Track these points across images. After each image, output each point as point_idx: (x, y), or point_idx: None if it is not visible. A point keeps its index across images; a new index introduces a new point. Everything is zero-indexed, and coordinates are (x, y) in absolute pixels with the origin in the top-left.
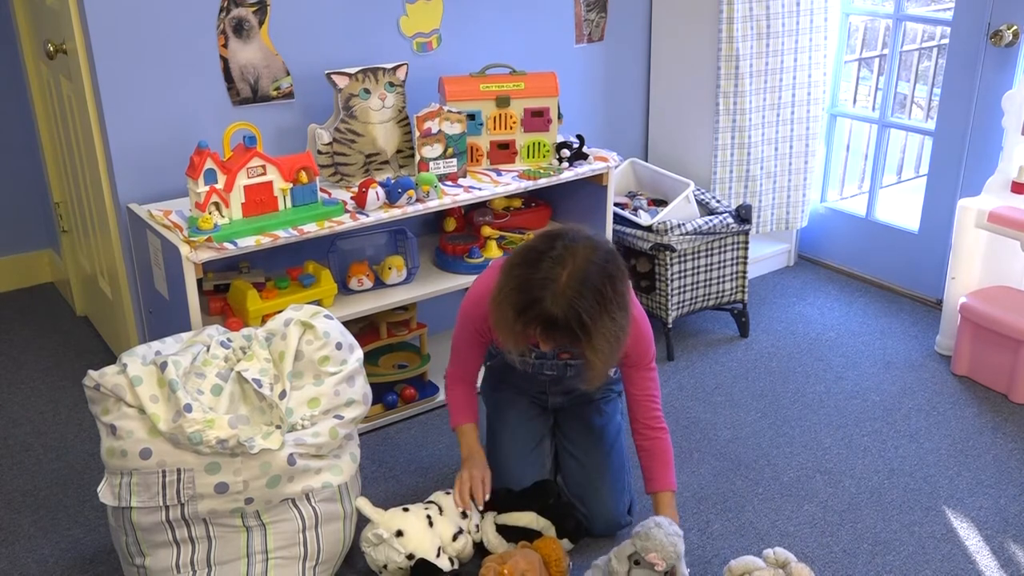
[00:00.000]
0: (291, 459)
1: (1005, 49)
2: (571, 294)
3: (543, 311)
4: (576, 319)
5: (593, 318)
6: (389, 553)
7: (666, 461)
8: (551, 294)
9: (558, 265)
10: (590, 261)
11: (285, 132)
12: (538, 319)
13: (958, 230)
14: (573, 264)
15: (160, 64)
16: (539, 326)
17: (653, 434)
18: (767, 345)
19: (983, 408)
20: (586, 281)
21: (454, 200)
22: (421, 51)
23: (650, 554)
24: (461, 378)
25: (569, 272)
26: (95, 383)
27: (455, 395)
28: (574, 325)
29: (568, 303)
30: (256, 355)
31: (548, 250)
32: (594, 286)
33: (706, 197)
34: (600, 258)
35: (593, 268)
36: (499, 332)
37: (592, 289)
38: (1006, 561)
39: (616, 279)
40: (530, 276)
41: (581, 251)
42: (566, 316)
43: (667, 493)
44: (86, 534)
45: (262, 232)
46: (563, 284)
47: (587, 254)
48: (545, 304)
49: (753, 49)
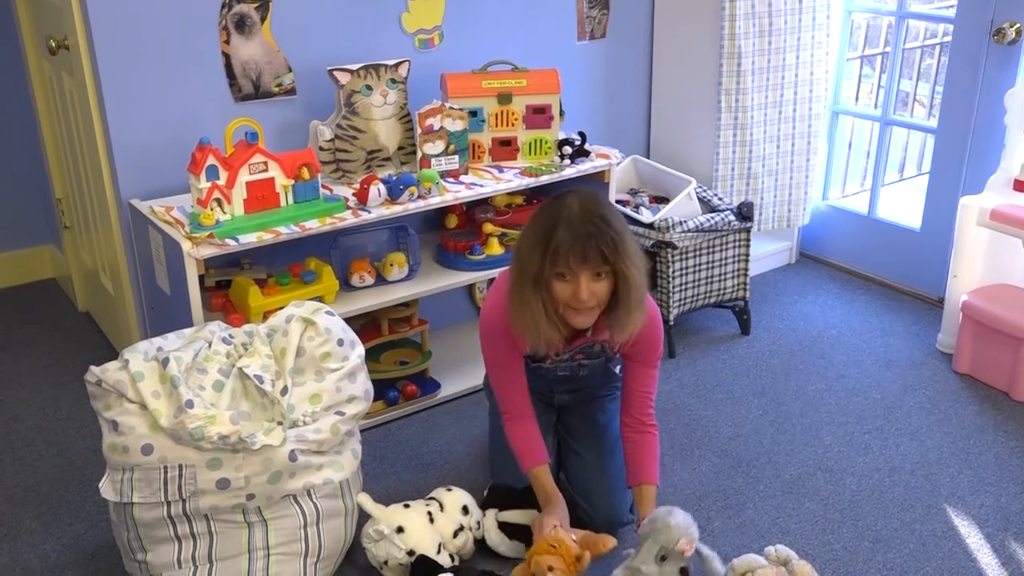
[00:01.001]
0: (292, 455)
1: (1008, 47)
2: (591, 208)
3: (571, 230)
4: (605, 225)
5: (620, 225)
6: (390, 549)
7: (654, 456)
8: (569, 217)
9: (566, 201)
10: (595, 193)
11: (287, 128)
12: (567, 243)
13: (960, 228)
14: (580, 195)
15: (162, 60)
16: (571, 251)
17: (644, 429)
18: (768, 343)
19: (984, 406)
20: (599, 201)
21: (456, 197)
22: (423, 47)
23: (681, 542)
24: (517, 415)
25: (579, 200)
26: (97, 379)
27: (517, 436)
28: (607, 231)
29: (592, 213)
30: (258, 351)
31: (553, 200)
32: (608, 205)
33: (708, 194)
34: (605, 199)
35: (600, 197)
36: (521, 310)
37: (607, 206)
38: (1007, 559)
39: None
40: (544, 218)
41: (581, 189)
42: (596, 225)
43: (651, 487)
44: (88, 529)
45: (264, 228)
46: (579, 207)
47: (589, 190)
48: (567, 225)
49: (755, 46)
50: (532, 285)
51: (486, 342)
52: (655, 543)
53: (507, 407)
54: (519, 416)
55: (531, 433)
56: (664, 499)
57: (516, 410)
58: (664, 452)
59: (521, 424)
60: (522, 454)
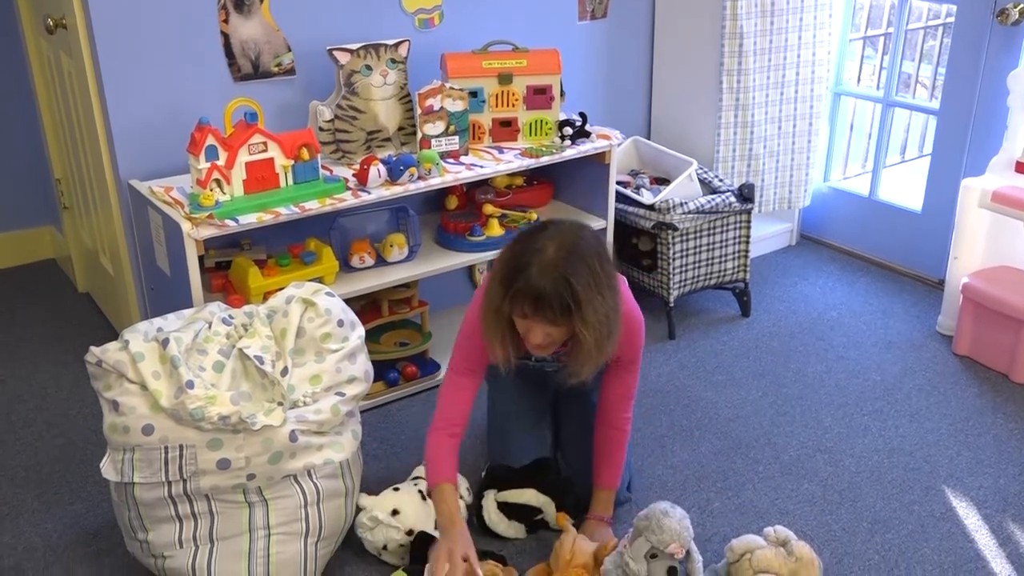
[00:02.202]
0: (293, 436)
1: (1011, 28)
2: (561, 263)
3: (529, 281)
4: (567, 288)
5: (585, 288)
6: (388, 533)
7: (620, 460)
8: (539, 263)
9: (547, 239)
10: (579, 237)
11: (286, 109)
12: (525, 291)
13: (961, 210)
14: (561, 238)
15: (161, 40)
16: (526, 300)
17: (619, 426)
18: (768, 324)
19: (984, 388)
20: (575, 253)
21: (456, 178)
22: (423, 27)
23: (671, 546)
24: (443, 429)
25: (558, 244)
26: (97, 359)
27: (433, 447)
28: (565, 294)
29: (557, 271)
30: (258, 332)
31: (537, 230)
32: (584, 259)
33: (709, 176)
34: (589, 236)
35: (583, 243)
36: (485, 323)
37: (582, 261)
38: (1005, 540)
39: (604, 259)
40: (518, 250)
41: (569, 228)
42: (556, 285)
43: (611, 491)
44: (89, 509)
45: (263, 209)
46: (552, 254)
47: (575, 231)
48: (532, 272)
49: (757, 27)
50: (495, 312)
51: (460, 341)
52: (647, 541)
53: (441, 417)
54: (444, 430)
55: (447, 450)
56: (664, 481)
57: (445, 425)
58: (664, 433)
59: (442, 438)
60: (431, 466)
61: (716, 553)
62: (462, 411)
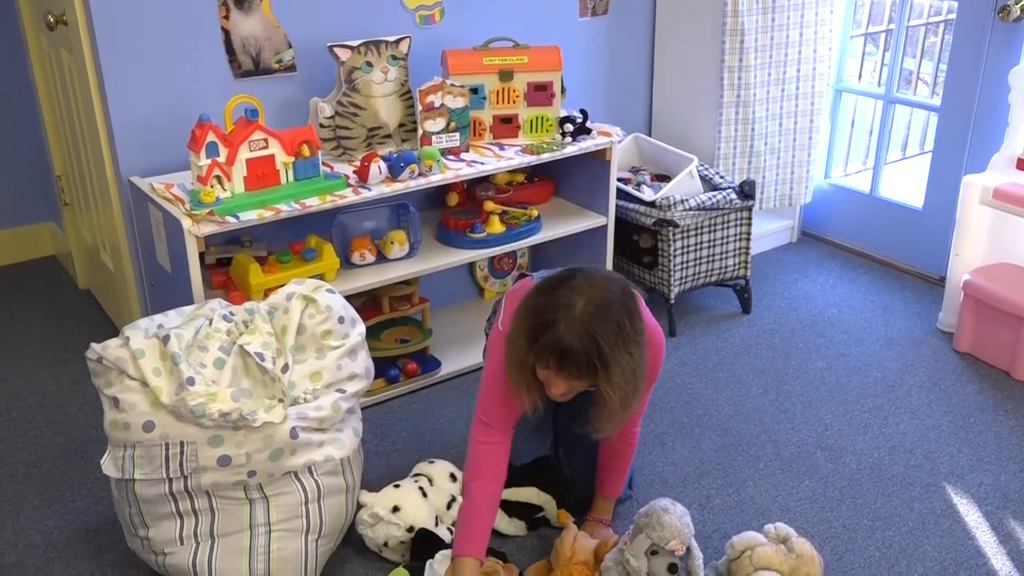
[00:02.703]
0: (293, 432)
1: (1012, 24)
2: (588, 320)
3: (555, 338)
4: (594, 347)
5: (612, 348)
6: (388, 530)
7: (624, 472)
8: (566, 319)
9: (575, 293)
10: (608, 291)
11: (287, 105)
12: (551, 346)
13: (962, 207)
14: (591, 292)
15: (161, 37)
16: (551, 356)
17: (627, 440)
18: (769, 321)
19: (984, 385)
20: (604, 309)
21: (456, 174)
22: (424, 24)
23: (671, 543)
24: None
25: (586, 299)
26: (98, 356)
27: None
28: (591, 354)
29: (585, 329)
30: (258, 329)
31: (567, 279)
32: (612, 316)
33: (709, 173)
34: (618, 289)
35: (612, 299)
36: (509, 368)
37: (610, 319)
38: (1005, 537)
39: (634, 314)
40: (546, 303)
41: (599, 281)
42: (583, 343)
43: (613, 500)
44: (90, 506)
45: (264, 206)
46: (580, 310)
47: (605, 284)
48: (559, 329)
49: (758, 23)
50: (520, 363)
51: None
52: (647, 538)
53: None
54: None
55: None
56: (664, 477)
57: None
58: (664, 431)
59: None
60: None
61: (716, 550)
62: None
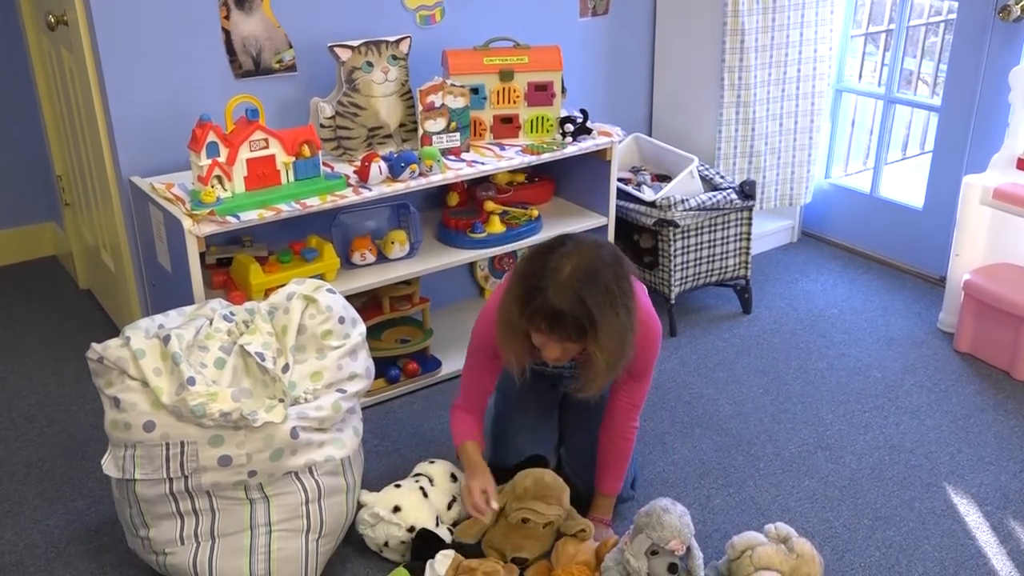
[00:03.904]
0: (294, 432)
1: (1013, 24)
2: (576, 284)
3: (546, 300)
4: (582, 309)
5: (600, 309)
6: (389, 530)
7: (623, 467)
8: (555, 283)
9: (564, 258)
10: (596, 256)
11: (287, 105)
12: (542, 310)
13: (963, 207)
14: (579, 257)
15: (162, 37)
16: (543, 319)
17: (624, 434)
18: (770, 321)
19: (985, 385)
20: (592, 273)
21: (457, 174)
22: (424, 24)
23: (672, 543)
24: (465, 408)
25: (575, 263)
26: (98, 356)
27: (457, 420)
28: (580, 315)
29: (574, 292)
30: (259, 329)
31: (555, 246)
32: (601, 279)
33: (710, 173)
34: (607, 254)
35: (599, 263)
36: (501, 335)
37: (598, 281)
38: (1006, 537)
39: (622, 278)
40: (535, 268)
41: (587, 247)
42: (571, 305)
43: (612, 497)
44: (90, 506)
45: (264, 206)
46: (568, 273)
47: (593, 250)
48: (548, 293)
49: (759, 23)
50: (511, 326)
51: (474, 339)
52: (647, 538)
53: (462, 401)
54: (466, 409)
55: (474, 421)
56: (665, 477)
57: (467, 405)
58: (665, 430)
59: (466, 414)
60: (460, 430)
61: (717, 550)
62: (483, 391)
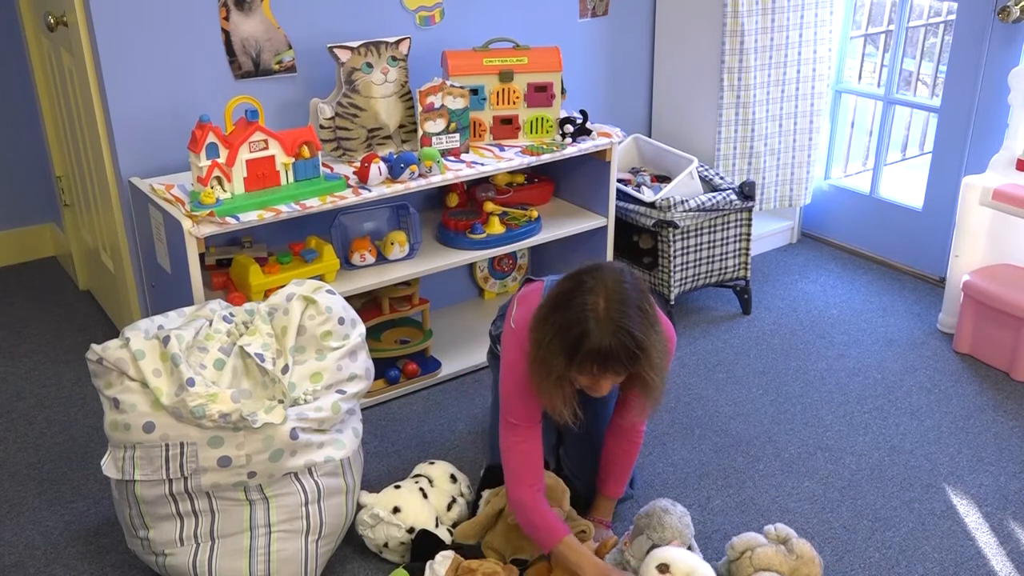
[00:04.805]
0: (294, 433)
1: (1012, 25)
2: (617, 317)
3: (593, 344)
4: (630, 339)
5: (644, 333)
6: (389, 531)
7: (628, 471)
8: (595, 323)
9: (591, 295)
10: (619, 281)
11: (287, 106)
12: (591, 355)
13: (962, 208)
14: (604, 289)
15: (161, 37)
16: (594, 363)
17: (633, 439)
18: (769, 322)
19: (984, 386)
20: (624, 299)
21: (457, 175)
22: (424, 25)
23: (672, 543)
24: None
25: (605, 297)
26: (98, 357)
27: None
28: (631, 346)
29: (617, 326)
30: (258, 330)
31: (576, 287)
32: (633, 303)
33: (710, 174)
34: (629, 278)
35: (625, 287)
36: (545, 393)
37: (632, 305)
38: (1006, 538)
39: (645, 294)
40: (568, 316)
41: (608, 276)
42: (619, 340)
43: (615, 499)
44: (90, 507)
45: (264, 207)
46: (604, 310)
47: (615, 277)
48: (592, 336)
49: (758, 24)
50: (558, 379)
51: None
52: (648, 539)
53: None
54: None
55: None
56: (664, 478)
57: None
58: (664, 431)
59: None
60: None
61: (717, 551)
62: (540, 460)
